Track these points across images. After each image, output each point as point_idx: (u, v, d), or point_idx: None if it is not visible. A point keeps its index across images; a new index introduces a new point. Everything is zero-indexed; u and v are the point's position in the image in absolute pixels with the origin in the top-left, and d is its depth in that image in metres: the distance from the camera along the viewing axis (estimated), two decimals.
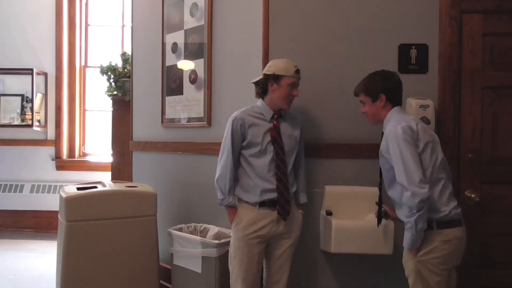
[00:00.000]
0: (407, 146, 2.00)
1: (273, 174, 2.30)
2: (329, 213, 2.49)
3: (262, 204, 2.31)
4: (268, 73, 2.33)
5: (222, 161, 2.37)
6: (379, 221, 2.30)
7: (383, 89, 2.17)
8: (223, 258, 2.61)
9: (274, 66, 2.33)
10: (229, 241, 2.64)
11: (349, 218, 2.49)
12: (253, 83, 2.42)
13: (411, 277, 2.08)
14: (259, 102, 2.40)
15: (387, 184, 2.19)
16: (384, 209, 2.39)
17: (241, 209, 2.35)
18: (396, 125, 2.05)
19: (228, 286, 2.44)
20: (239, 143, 2.35)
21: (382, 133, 2.21)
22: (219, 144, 2.98)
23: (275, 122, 2.32)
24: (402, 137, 2.01)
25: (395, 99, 2.19)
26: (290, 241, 2.36)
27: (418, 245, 2.02)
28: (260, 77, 2.37)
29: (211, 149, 3.05)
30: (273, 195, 2.30)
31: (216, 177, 2.38)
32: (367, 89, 2.20)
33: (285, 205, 2.30)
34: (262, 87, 2.36)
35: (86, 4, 5.79)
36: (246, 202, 2.34)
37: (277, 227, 2.32)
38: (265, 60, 2.69)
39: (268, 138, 2.31)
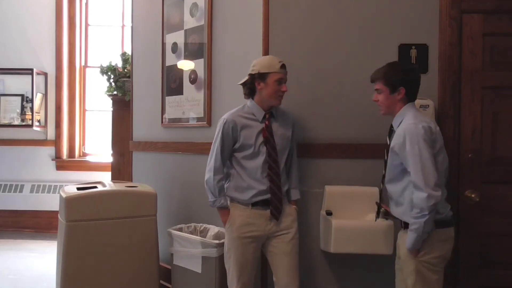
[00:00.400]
0: (426, 147, 1.98)
1: (266, 175, 2.29)
2: (329, 213, 2.49)
3: (254, 204, 2.31)
4: (253, 72, 2.30)
5: (211, 163, 2.35)
6: (377, 216, 2.30)
7: (405, 82, 2.11)
8: (223, 258, 2.61)
9: (258, 64, 2.30)
10: None
11: (349, 218, 2.49)
12: (240, 84, 2.40)
13: (411, 278, 2.06)
14: (249, 102, 2.37)
15: (389, 179, 2.17)
16: (385, 209, 2.39)
17: (233, 210, 2.35)
18: (417, 124, 2.01)
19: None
20: (230, 146, 2.33)
21: (391, 127, 2.19)
22: None
23: (267, 122, 2.31)
24: (423, 137, 1.98)
25: (413, 95, 2.14)
26: (289, 236, 2.33)
27: (419, 245, 2.02)
28: (246, 78, 2.35)
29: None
30: (266, 195, 2.30)
31: (205, 179, 2.37)
32: (387, 78, 2.12)
33: (278, 205, 2.30)
34: (250, 88, 2.33)
35: (86, 4, 5.79)
36: (239, 202, 2.34)
37: (271, 225, 2.32)
38: None
39: (260, 139, 2.29)
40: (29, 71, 5.38)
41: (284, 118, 2.41)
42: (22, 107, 5.46)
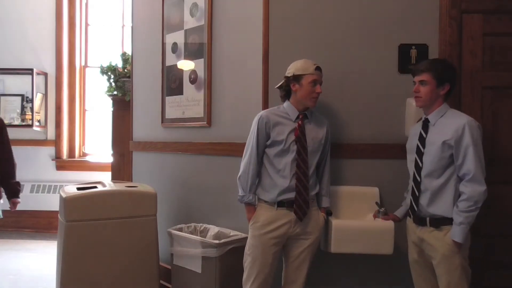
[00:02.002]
0: (481, 145, 2.07)
1: (294, 174, 2.29)
2: (329, 213, 2.49)
3: (280, 204, 2.31)
4: (288, 75, 2.35)
5: (246, 159, 2.38)
6: (412, 212, 2.23)
7: (451, 79, 2.16)
8: (223, 258, 2.61)
9: (293, 67, 2.35)
10: (229, 241, 2.66)
11: (349, 218, 2.49)
12: (277, 87, 2.43)
13: (456, 274, 2.06)
14: (285, 103, 2.40)
15: (430, 171, 2.14)
16: (385, 209, 2.39)
17: (259, 208, 2.36)
18: (475, 121, 2.09)
19: (228, 286, 2.45)
20: (264, 142, 2.36)
21: (427, 121, 2.19)
22: (219, 144, 3.00)
23: (300, 122, 2.32)
24: (480, 135, 2.07)
25: (450, 94, 2.21)
26: (308, 242, 2.34)
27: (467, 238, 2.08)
28: (282, 81, 2.39)
29: (211, 149, 3.05)
30: (292, 194, 2.29)
31: (239, 175, 2.40)
32: (437, 72, 2.14)
33: (302, 205, 2.28)
34: (285, 90, 2.38)
35: (86, 4, 5.79)
36: (265, 201, 2.35)
37: (295, 228, 2.31)
38: (265, 60, 2.69)
39: (292, 137, 2.30)
40: (29, 71, 5.38)
41: (318, 122, 2.40)
42: (22, 107, 5.46)
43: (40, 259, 4.38)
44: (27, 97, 5.48)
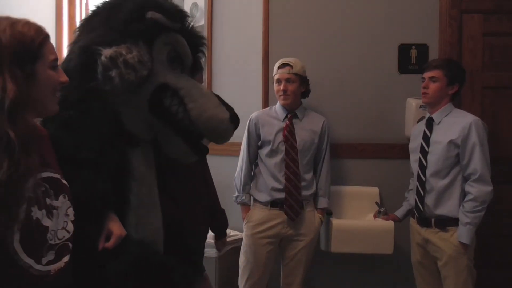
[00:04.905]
0: (487, 145, 2.06)
1: (283, 174, 2.29)
2: (329, 213, 2.49)
3: (273, 204, 2.31)
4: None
5: (239, 160, 2.42)
6: (418, 213, 2.20)
7: (462, 80, 2.17)
8: (223, 258, 2.61)
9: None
10: (229, 241, 2.65)
11: (350, 218, 2.49)
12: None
13: (463, 275, 2.04)
14: (277, 103, 2.41)
15: (436, 171, 2.11)
16: (385, 209, 2.39)
17: (253, 208, 2.38)
18: (481, 120, 2.08)
19: (228, 286, 2.44)
20: (255, 143, 2.38)
21: (431, 120, 2.18)
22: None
23: (287, 122, 2.33)
24: (486, 135, 2.06)
25: (457, 95, 2.21)
26: (303, 243, 2.32)
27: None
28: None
29: (211, 149, 3.03)
30: (283, 194, 2.29)
31: (234, 176, 2.44)
32: (450, 70, 2.14)
33: (293, 205, 2.27)
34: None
35: (86, 4, 5.79)
36: (259, 201, 2.35)
37: (287, 228, 2.31)
38: (265, 60, 2.69)
39: (280, 137, 2.31)
40: None
41: (312, 120, 2.40)
42: None
43: None
44: None
